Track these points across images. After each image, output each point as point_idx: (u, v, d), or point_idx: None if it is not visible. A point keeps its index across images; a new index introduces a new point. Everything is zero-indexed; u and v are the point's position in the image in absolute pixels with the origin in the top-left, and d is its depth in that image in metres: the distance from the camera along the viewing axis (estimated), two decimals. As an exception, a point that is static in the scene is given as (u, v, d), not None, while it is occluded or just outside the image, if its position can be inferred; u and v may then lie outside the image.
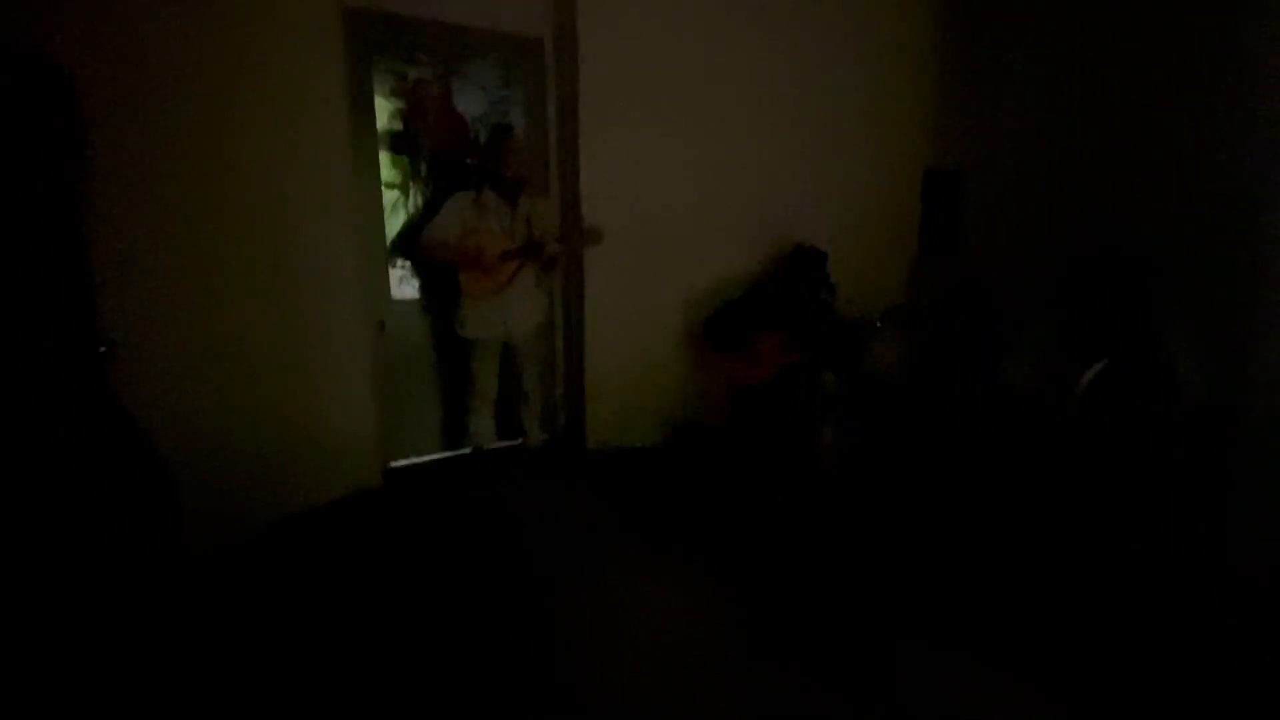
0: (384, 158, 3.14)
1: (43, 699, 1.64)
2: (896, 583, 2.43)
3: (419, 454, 3.40)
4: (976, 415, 3.33)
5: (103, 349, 1.79)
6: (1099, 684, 1.98)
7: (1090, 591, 2.39)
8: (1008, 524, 2.78)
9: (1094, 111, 3.54)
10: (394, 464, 3.30)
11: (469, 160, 3.32)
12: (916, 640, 2.15)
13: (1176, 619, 2.27)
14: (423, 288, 3.34)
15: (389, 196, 3.19)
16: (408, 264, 3.30)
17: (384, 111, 3.10)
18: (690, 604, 2.38)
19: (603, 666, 2.05)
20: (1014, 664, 2.04)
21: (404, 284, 3.29)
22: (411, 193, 3.26)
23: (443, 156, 3.29)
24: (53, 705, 1.65)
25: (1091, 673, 2.02)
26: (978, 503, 2.94)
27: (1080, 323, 3.00)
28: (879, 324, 3.59)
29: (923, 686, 1.99)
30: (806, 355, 3.30)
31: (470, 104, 3.31)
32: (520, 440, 3.39)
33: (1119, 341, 2.79)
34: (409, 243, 3.19)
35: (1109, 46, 3.45)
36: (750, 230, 3.78)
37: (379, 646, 2.10)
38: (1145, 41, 3.27)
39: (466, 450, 3.33)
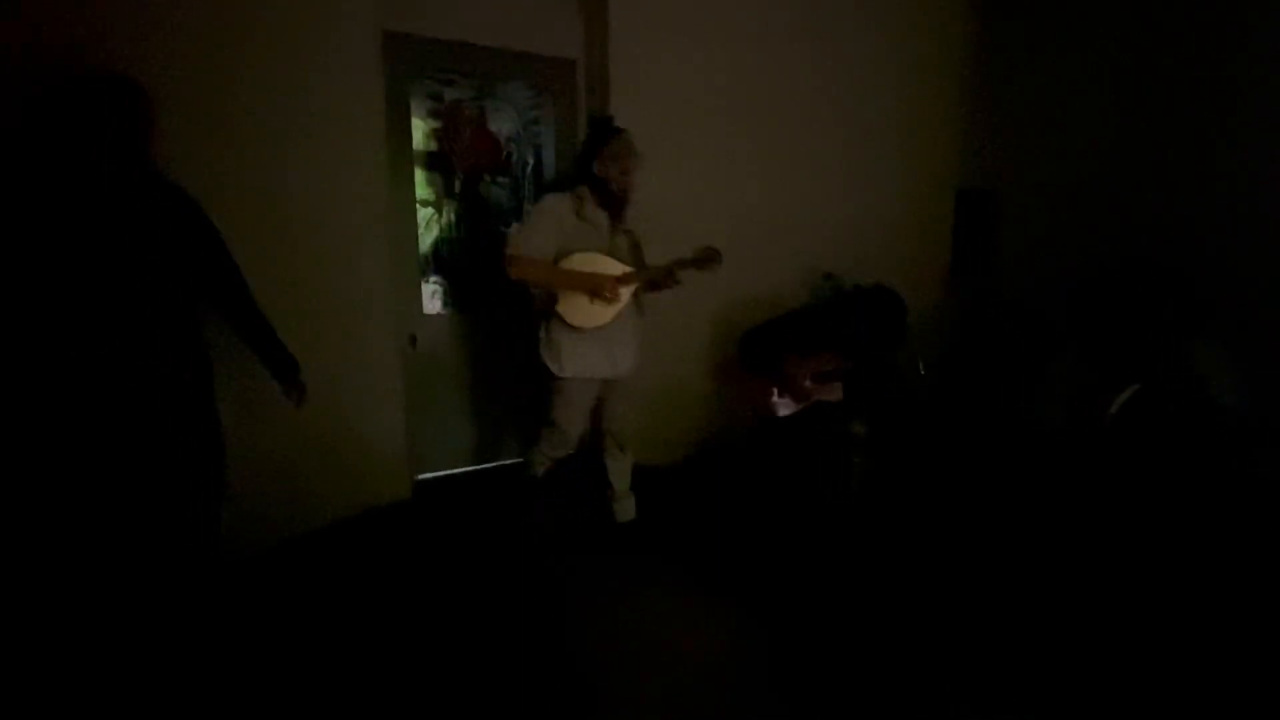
0: (419, 175, 3.21)
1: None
2: (916, 622, 2.37)
3: (449, 467, 3.43)
4: (1006, 441, 3.25)
5: None
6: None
7: (1135, 628, 2.30)
8: (1037, 553, 2.70)
9: (1125, 129, 3.49)
10: (423, 477, 3.33)
11: (498, 180, 3.38)
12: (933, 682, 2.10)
13: (1236, 656, 2.17)
14: (461, 301, 3.34)
15: (423, 214, 3.26)
16: (442, 280, 3.33)
17: (420, 131, 3.18)
18: (708, 627, 2.35)
19: (615, 685, 2.05)
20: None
21: (434, 298, 3.34)
22: (445, 209, 3.32)
23: (475, 176, 3.36)
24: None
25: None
26: (1006, 533, 2.86)
27: (1106, 341, 2.87)
28: (923, 372, 3.49)
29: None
30: (846, 395, 3.13)
31: (503, 124, 3.37)
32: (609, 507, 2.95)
33: (1148, 359, 2.67)
34: (455, 258, 3.15)
35: (1140, 64, 3.40)
36: (782, 250, 3.77)
37: (390, 653, 2.13)
38: (1177, 58, 3.22)
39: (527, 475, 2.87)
